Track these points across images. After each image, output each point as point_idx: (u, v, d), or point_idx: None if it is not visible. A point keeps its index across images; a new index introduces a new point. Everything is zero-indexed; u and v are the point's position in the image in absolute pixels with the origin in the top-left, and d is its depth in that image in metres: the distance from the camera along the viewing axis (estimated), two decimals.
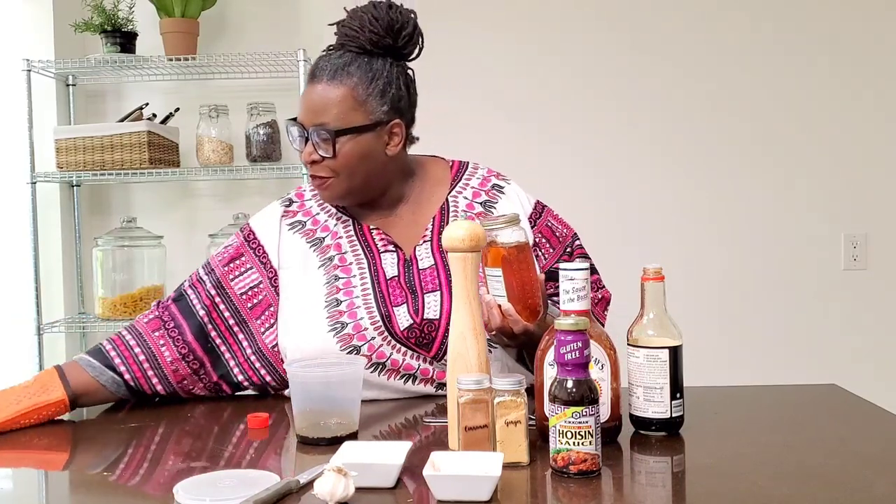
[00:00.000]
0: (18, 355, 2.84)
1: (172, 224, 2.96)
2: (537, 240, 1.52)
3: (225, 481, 1.01)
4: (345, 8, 1.48)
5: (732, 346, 2.81)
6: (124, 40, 2.77)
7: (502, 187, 1.56)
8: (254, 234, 1.53)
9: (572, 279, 1.13)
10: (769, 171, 2.82)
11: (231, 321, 1.48)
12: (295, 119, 1.46)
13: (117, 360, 1.43)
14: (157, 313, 1.49)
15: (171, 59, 2.72)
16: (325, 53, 1.47)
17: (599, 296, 1.54)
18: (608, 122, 2.83)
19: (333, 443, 1.16)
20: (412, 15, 1.47)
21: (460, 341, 1.16)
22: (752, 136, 2.82)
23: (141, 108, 2.82)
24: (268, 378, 1.48)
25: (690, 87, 2.82)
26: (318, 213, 1.54)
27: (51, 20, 2.83)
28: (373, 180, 1.47)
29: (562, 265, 1.15)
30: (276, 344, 1.46)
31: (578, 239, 1.56)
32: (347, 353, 1.39)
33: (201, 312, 1.48)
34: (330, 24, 1.49)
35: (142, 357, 1.44)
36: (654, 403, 1.20)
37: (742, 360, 2.80)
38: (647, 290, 1.23)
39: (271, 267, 1.49)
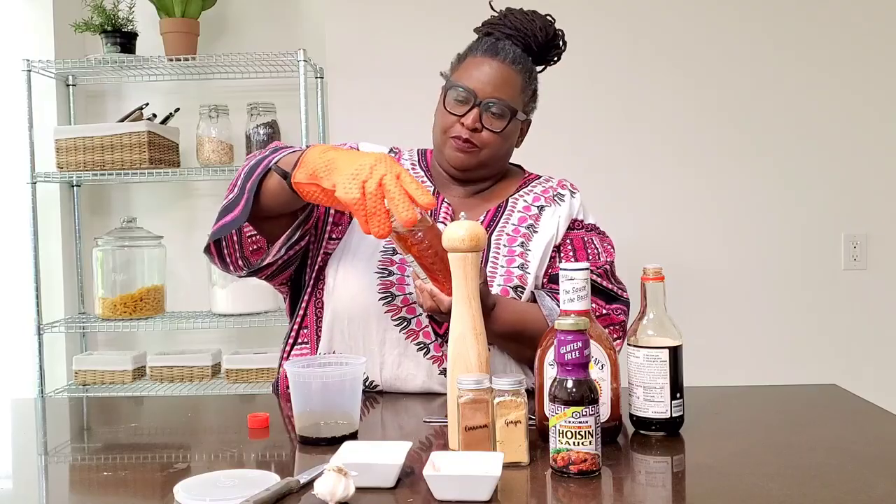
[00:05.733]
0: (18, 355, 2.84)
1: (172, 224, 2.96)
2: (563, 244, 1.56)
3: (225, 481, 1.01)
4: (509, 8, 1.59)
5: (732, 346, 2.81)
6: (124, 40, 2.77)
7: (563, 196, 1.61)
8: None
9: (572, 279, 1.13)
10: (769, 171, 2.82)
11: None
12: (457, 84, 1.51)
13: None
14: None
15: (171, 59, 2.72)
16: (491, 33, 1.56)
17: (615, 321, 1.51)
18: (608, 121, 2.83)
19: (333, 443, 1.16)
20: (565, 44, 1.61)
21: (460, 341, 1.16)
22: (752, 136, 2.82)
23: (141, 108, 2.82)
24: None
25: (690, 88, 2.82)
26: (408, 170, 1.61)
27: (51, 20, 2.83)
28: (499, 163, 1.58)
29: (562, 265, 1.15)
30: (330, 252, 1.53)
31: (612, 266, 1.55)
32: (383, 297, 1.47)
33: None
34: (495, 12, 1.60)
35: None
36: (654, 403, 1.20)
37: (742, 360, 2.80)
38: (647, 290, 1.23)
39: None
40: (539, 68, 1.61)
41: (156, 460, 1.19)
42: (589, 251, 1.56)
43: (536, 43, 1.56)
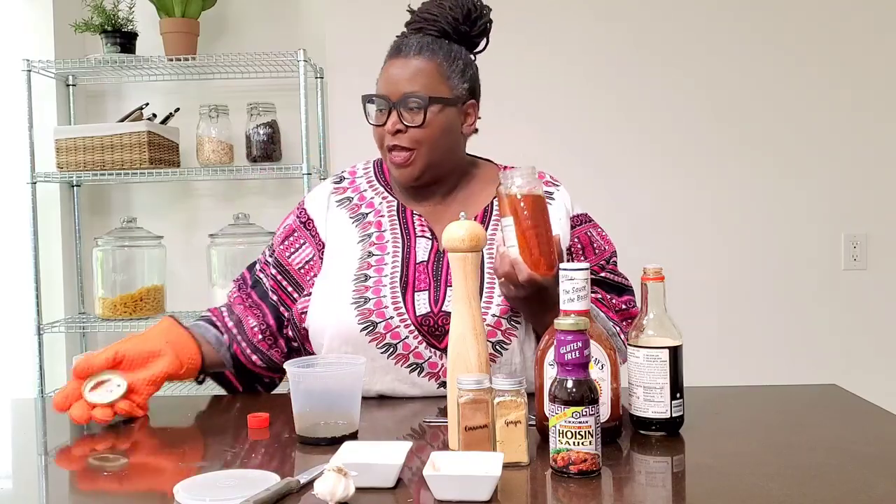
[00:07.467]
0: (18, 355, 2.84)
1: (172, 224, 2.96)
2: (573, 244, 1.53)
3: (225, 481, 1.01)
4: None
5: (732, 346, 2.81)
6: (124, 40, 2.77)
7: (551, 193, 1.56)
8: (305, 210, 1.59)
9: (572, 279, 1.13)
10: (769, 171, 2.82)
11: (295, 295, 1.55)
12: (371, 96, 1.51)
13: (216, 321, 1.56)
14: (240, 295, 1.60)
15: (171, 59, 2.72)
16: (402, 35, 1.55)
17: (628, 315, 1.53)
18: (608, 121, 2.83)
19: (333, 443, 1.16)
20: (487, 8, 1.55)
21: (460, 342, 1.16)
22: (753, 137, 2.82)
23: (141, 108, 2.82)
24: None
25: (690, 88, 2.82)
26: (365, 190, 1.59)
27: (51, 20, 2.83)
28: (447, 158, 1.52)
29: (562, 265, 1.15)
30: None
31: (616, 256, 1.56)
32: (364, 327, 1.42)
33: (273, 297, 1.56)
34: (408, 10, 1.58)
35: (230, 323, 1.55)
36: (654, 403, 1.20)
37: (742, 360, 2.80)
38: (647, 290, 1.23)
39: (320, 240, 1.55)
40: (480, 46, 1.57)
41: (156, 460, 1.18)
42: (595, 247, 1.54)
43: (452, 23, 1.51)
